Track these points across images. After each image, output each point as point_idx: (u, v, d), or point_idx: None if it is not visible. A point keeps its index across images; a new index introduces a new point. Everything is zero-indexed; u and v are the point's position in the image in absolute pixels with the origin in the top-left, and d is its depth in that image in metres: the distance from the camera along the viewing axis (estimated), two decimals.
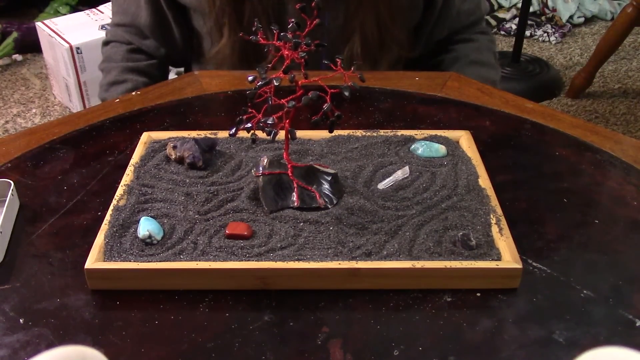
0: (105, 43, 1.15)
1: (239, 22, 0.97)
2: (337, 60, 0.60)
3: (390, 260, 0.58)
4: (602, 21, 2.79)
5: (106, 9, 2.22)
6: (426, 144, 0.72)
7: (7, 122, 2.13)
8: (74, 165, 0.75)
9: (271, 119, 0.60)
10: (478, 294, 0.58)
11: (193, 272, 0.58)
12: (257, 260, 0.58)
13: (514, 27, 2.66)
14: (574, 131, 0.80)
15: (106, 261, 0.59)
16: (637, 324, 0.56)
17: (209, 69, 1.05)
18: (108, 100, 1.08)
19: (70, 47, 2.02)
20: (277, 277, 0.58)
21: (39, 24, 2.17)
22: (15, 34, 2.47)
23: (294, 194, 0.64)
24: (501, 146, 0.78)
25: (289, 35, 0.59)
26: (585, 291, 0.59)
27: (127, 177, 0.68)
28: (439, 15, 1.06)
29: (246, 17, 0.96)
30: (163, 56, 1.13)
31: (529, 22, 2.63)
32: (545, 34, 2.66)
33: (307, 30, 0.60)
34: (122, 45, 1.12)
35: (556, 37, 2.65)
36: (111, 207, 0.64)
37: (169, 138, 0.74)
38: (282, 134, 0.63)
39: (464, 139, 0.74)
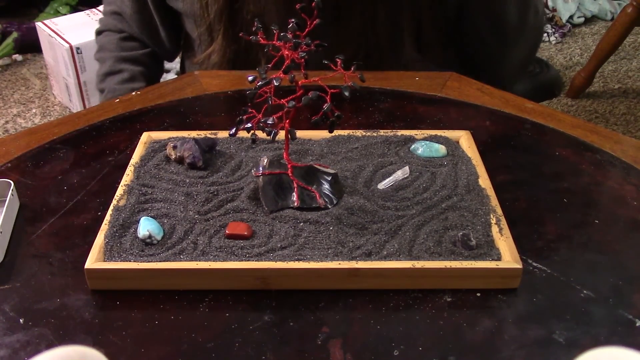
0: (99, 32, 1.13)
1: (232, 31, 0.96)
2: (337, 60, 0.60)
3: (390, 260, 0.58)
4: (602, 21, 2.79)
5: None
6: (426, 144, 0.72)
7: (7, 122, 2.13)
8: (74, 165, 0.75)
9: (271, 119, 0.60)
10: (478, 294, 0.58)
11: (193, 272, 0.58)
12: (257, 260, 0.58)
13: None
14: (574, 131, 0.80)
15: (106, 261, 0.59)
16: (637, 324, 0.56)
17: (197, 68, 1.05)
18: (105, 90, 1.07)
19: (70, 47, 2.02)
20: (277, 277, 0.58)
21: (39, 24, 2.17)
22: (15, 34, 2.47)
23: (294, 194, 0.64)
24: (501, 146, 0.78)
25: (289, 35, 0.59)
26: (585, 291, 0.59)
27: (127, 177, 0.68)
28: None
29: (239, 27, 0.95)
30: (154, 46, 1.11)
31: None
32: (545, 34, 2.66)
33: (307, 30, 0.60)
34: (114, 33, 1.10)
35: (556, 37, 2.65)
36: (111, 207, 0.64)
37: (169, 138, 0.74)
38: (282, 134, 0.63)
39: (464, 139, 0.74)
